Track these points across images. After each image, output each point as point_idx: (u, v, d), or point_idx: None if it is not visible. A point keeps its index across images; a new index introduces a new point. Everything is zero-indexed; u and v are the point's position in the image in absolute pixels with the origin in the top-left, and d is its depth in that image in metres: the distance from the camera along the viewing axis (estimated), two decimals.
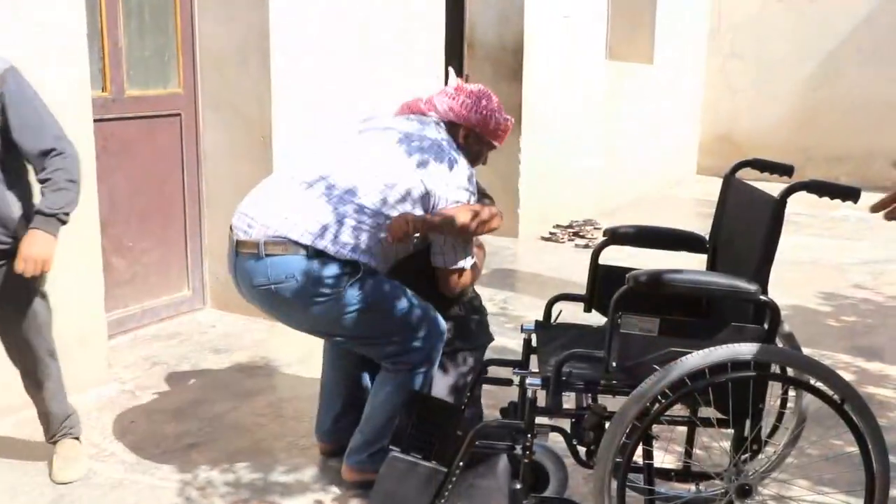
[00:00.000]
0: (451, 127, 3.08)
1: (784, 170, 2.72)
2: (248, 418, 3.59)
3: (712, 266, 2.79)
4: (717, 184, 2.97)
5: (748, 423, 2.34)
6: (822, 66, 9.67)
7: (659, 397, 2.25)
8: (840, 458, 3.11)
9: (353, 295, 2.77)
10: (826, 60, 9.64)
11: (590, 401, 2.64)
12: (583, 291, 2.89)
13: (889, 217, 2.23)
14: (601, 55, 7.96)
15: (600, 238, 2.96)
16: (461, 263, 2.98)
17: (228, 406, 3.72)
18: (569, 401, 2.62)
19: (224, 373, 4.10)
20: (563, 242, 6.92)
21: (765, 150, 8.39)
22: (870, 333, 4.84)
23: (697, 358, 2.22)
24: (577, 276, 2.91)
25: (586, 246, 6.59)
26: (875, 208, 2.28)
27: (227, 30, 4.58)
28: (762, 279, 2.32)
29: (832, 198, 2.31)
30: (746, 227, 2.54)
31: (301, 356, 4.25)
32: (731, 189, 2.79)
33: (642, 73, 8.66)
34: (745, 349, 2.23)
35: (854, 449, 2.29)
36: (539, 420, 2.46)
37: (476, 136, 3.12)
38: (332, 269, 2.75)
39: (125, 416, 3.60)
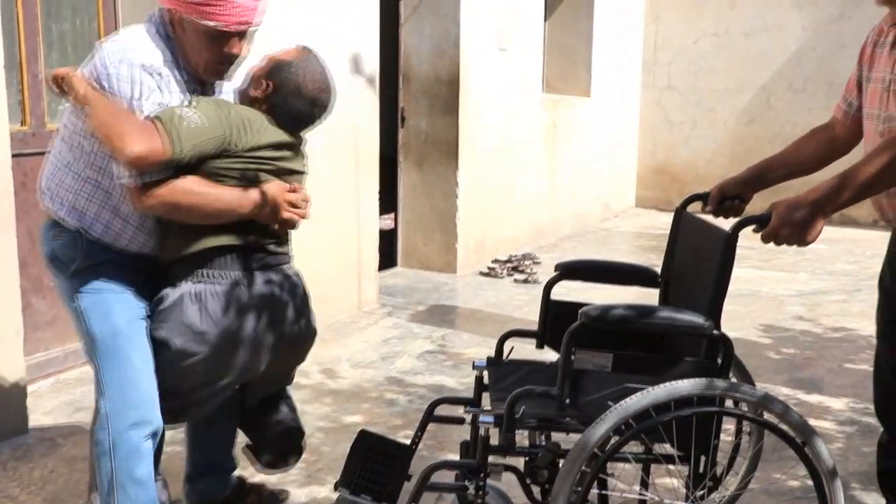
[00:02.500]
0: (168, 15, 2.54)
1: (734, 208, 2.77)
2: (178, 463, 3.49)
3: (665, 300, 2.80)
4: (656, 216, 3.00)
5: (703, 458, 2.34)
6: (755, 99, 9.90)
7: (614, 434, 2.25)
8: (790, 493, 3.13)
9: (71, 284, 2.60)
10: (759, 94, 9.87)
11: (543, 438, 2.62)
12: (524, 326, 2.87)
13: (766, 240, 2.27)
14: (538, 88, 8.05)
15: (539, 272, 2.96)
16: (122, 177, 2.45)
17: None
18: (523, 439, 2.60)
19: None
20: (501, 277, 6.92)
21: (702, 182, 8.54)
22: (809, 366, 4.91)
23: (636, 400, 2.22)
24: (517, 311, 2.89)
25: (525, 281, 6.60)
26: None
27: None
28: (715, 313, 2.33)
29: None
30: (698, 261, 2.56)
31: None
32: (683, 223, 2.81)
33: (580, 106, 8.77)
34: (694, 385, 2.24)
35: (798, 483, 2.30)
36: (492, 459, 2.43)
37: (181, 21, 2.48)
38: (53, 240, 2.63)
39: (45, 465, 3.47)
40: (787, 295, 6.46)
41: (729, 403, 2.40)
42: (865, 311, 5.79)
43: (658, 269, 2.91)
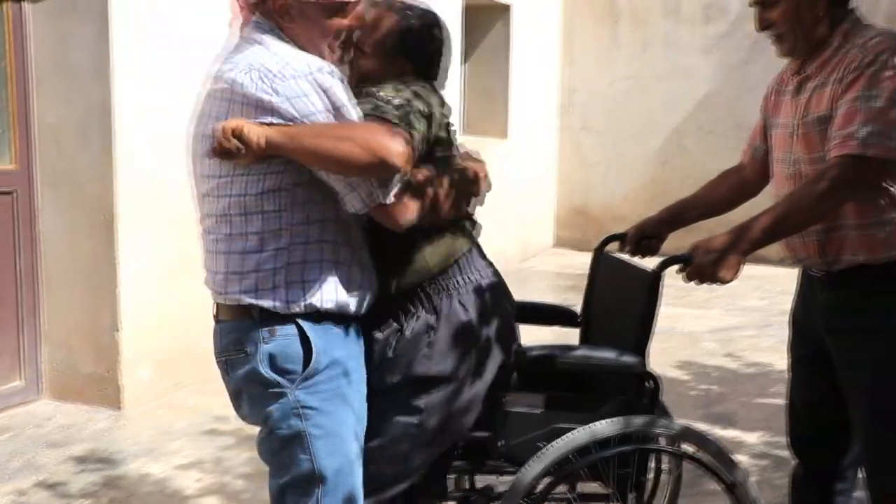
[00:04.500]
0: (270, 14, 2.14)
1: (651, 248, 2.83)
2: None
3: (585, 340, 2.82)
4: (574, 256, 3.04)
5: (631, 496, 2.36)
6: (668, 141, 10.15)
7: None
8: None
9: (292, 399, 2.11)
10: (671, 136, 10.12)
11: (467, 481, 2.61)
12: None
13: (688, 278, 2.33)
14: (457, 130, 8.10)
15: None
16: (377, 198, 2.07)
17: None
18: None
19: (61, 469, 3.85)
20: None
21: (619, 222, 8.67)
22: (724, 401, 5.00)
23: (563, 444, 2.24)
24: None
25: None
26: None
27: (67, 104, 4.43)
28: (642, 352, 2.37)
29: None
30: (621, 301, 2.59)
31: (149, 447, 4.05)
32: (602, 263, 2.84)
33: (498, 148, 8.86)
34: (613, 425, 2.27)
35: None
36: None
37: (293, 5, 2.11)
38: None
39: None
40: (702, 331, 6.59)
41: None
42: (776, 346, 5.93)
43: (577, 309, 2.94)
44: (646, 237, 2.86)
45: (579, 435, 2.24)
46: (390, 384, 2.25)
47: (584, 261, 3.26)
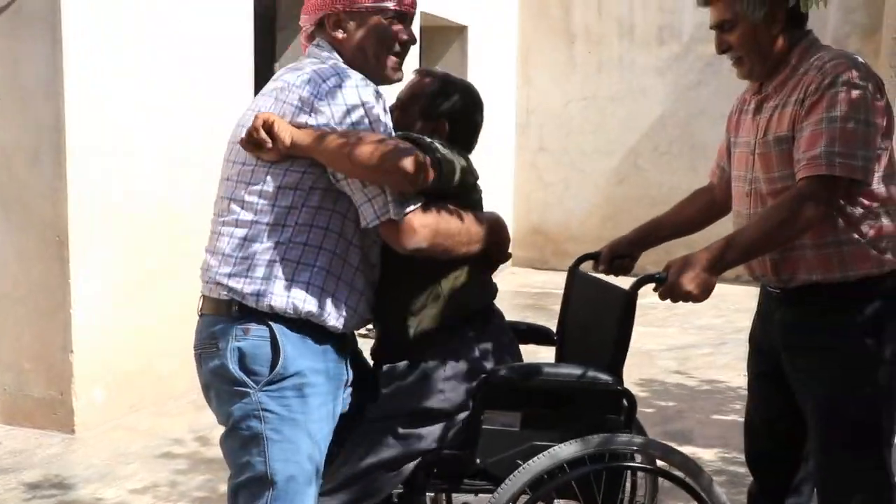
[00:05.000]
0: (322, 31, 2.29)
1: (625, 267, 2.87)
2: None
3: (561, 358, 2.82)
4: (532, 275, 3.05)
5: None
6: (624, 161, 10.24)
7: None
8: None
9: (254, 399, 2.14)
10: (627, 156, 10.23)
11: (451, 499, 2.60)
12: None
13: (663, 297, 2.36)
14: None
15: None
16: (388, 212, 2.12)
17: None
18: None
19: (11, 496, 3.77)
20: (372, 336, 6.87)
21: (576, 241, 8.77)
22: (680, 418, 5.04)
23: (538, 463, 2.25)
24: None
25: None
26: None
27: (17, 124, 4.37)
28: (617, 370, 2.38)
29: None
30: (596, 319, 2.60)
31: (102, 471, 3.99)
32: (577, 282, 2.85)
33: None
34: (576, 446, 2.28)
35: None
36: None
37: (346, 16, 2.23)
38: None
39: None
40: (659, 349, 6.64)
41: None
42: (731, 364, 5.99)
43: (552, 327, 2.94)
44: (619, 256, 2.89)
45: (542, 460, 2.25)
46: (394, 412, 2.31)
47: (541, 280, 3.28)
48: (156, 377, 4.88)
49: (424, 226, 2.15)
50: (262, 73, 6.07)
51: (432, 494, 2.52)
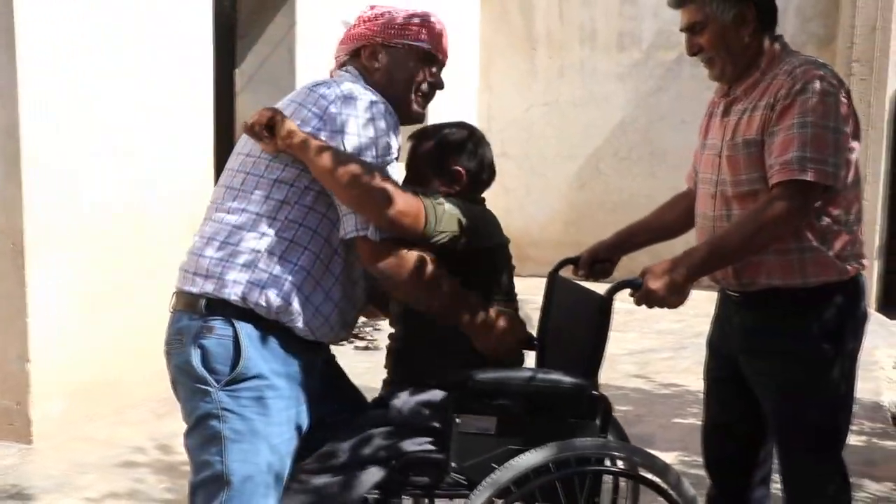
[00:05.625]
0: (355, 61, 2.38)
1: (604, 271, 2.90)
2: None
3: (542, 363, 2.83)
4: None
5: None
6: (585, 166, 10.32)
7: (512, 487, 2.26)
8: None
9: (216, 398, 2.15)
10: (588, 161, 10.30)
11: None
12: (366, 395, 2.85)
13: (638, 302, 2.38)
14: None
15: (380, 339, 2.95)
16: (367, 230, 2.17)
17: None
18: None
19: None
20: (341, 345, 6.86)
21: (538, 247, 8.81)
22: (640, 422, 5.08)
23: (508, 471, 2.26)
24: (358, 379, 2.86)
25: (366, 348, 6.56)
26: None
27: None
28: (592, 375, 2.40)
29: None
30: (574, 324, 2.62)
31: (60, 481, 3.93)
32: (556, 287, 2.86)
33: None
34: (578, 445, 2.31)
35: None
36: None
37: (382, 49, 2.33)
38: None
39: None
40: (619, 354, 6.68)
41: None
42: (691, 368, 6.05)
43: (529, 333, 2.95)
44: (598, 261, 2.90)
45: (509, 471, 2.26)
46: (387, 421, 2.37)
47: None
48: (114, 387, 4.82)
49: (393, 253, 2.19)
50: (223, 81, 6.06)
51: (410, 499, 2.52)
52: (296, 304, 2.18)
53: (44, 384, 4.43)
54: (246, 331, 2.15)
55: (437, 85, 2.47)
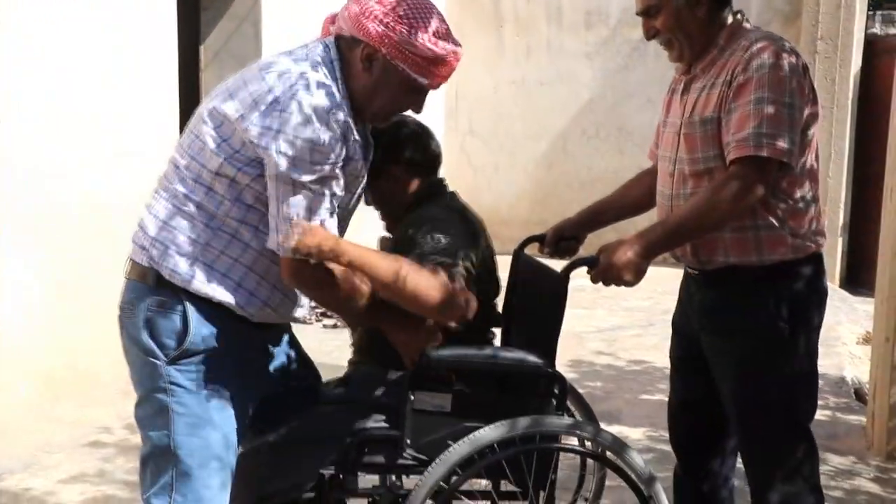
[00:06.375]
0: (350, 45, 2.17)
1: (570, 249, 2.91)
2: None
3: (507, 342, 2.85)
4: None
5: (542, 494, 2.40)
6: (553, 145, 10.34)
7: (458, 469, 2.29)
8: None
9: (165, 372, 2.16)
10: (556, 140, 10.32)
11: (394, 478, 2.63)
12: (336, 374, 2.87)
13: (594, 280, 2.40)
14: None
15: None
16: (278, 246, 2.12)
17: None
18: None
19: None
20: (310, 323, 6.86)
21: (506, 225, 8.80)
22: (609, 398, 5.14)
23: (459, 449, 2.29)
24: (327, 357, 2.87)
25: (335, 326, 6.57)
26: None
27: None
28: (549, 352, 2.42)
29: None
30: (536, 302, 2.64)
31: (28, 462, 3.92)
32: (521, 265, 2.88)
33: None
34: (497, 430, 2.31)
35: None
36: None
37: (383, 63, 2.15)
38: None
39: None
40: (587, 331, 6.75)
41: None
42: (658, 345, 6.11)
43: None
44: (564, 239, 2.91)
45: (463, 446, 2.29)
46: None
47: None
48: (82, 369, 4.79)
49: (308, 278, 2.17)
50: (187, 55, 6.00)
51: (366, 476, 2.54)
52: (240, 299, 2.18)
53: (11, 366, 4.39)
54: (194, 307, 2.15)
55: (417, 112, 2.35)
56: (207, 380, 2.17)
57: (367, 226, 3.04)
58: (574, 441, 2.67)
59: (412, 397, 2.33)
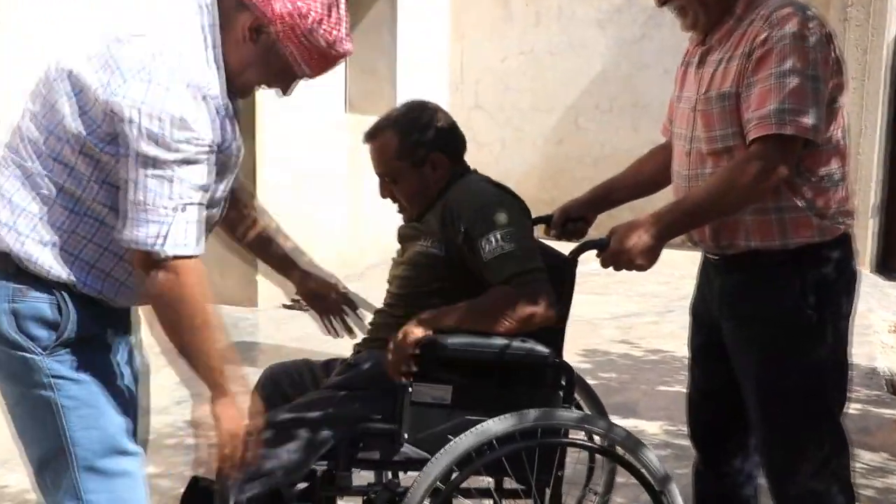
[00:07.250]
0: (235, 8, 2.03)
1: (578, 230, 2.88)
2: None
3: None
4: None
5: (548, 491, 2.39)
6: (563, 119, 10.30)
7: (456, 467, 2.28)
8: None
9: (42, 364, 2.03)
10: (567, 113, 10.28)
11: (390, 475, 2.64)
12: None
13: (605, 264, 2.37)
14: (340, 109, 8.05)
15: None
16: (148, 242, 1.94)
17: None
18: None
19: None
20: (307, 310, 6.83)
21: None
22: (625, 390, 5.13)
23: (461, 442, 2.27)
24: (324, 344, 2.87)
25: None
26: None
27: None
28: (556, 341, 2.40)
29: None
30: None
31: (5, 458, 3.92)
32: None
33: None
34: (504, 424, 2.30)
35: None
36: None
37: (270, 41, 2.04)
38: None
39: None
40: (602, 318, 6.73)
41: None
42: (676, 333, 6.09)
43: None
44: (571, 220, 2.88)
45: (467, 438, 2.27)
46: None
47: None
48: None
49: (167, 284, 1.98)
50: None
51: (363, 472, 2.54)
52: (112, 290, 2.07)
53: None
54: (65, 293, 2.02)
55: (286, 94, 2.23)
56: (92, 367, 2.06)
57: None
58: (582, 435, 2.65)
59: (410, 389, 2.32)
